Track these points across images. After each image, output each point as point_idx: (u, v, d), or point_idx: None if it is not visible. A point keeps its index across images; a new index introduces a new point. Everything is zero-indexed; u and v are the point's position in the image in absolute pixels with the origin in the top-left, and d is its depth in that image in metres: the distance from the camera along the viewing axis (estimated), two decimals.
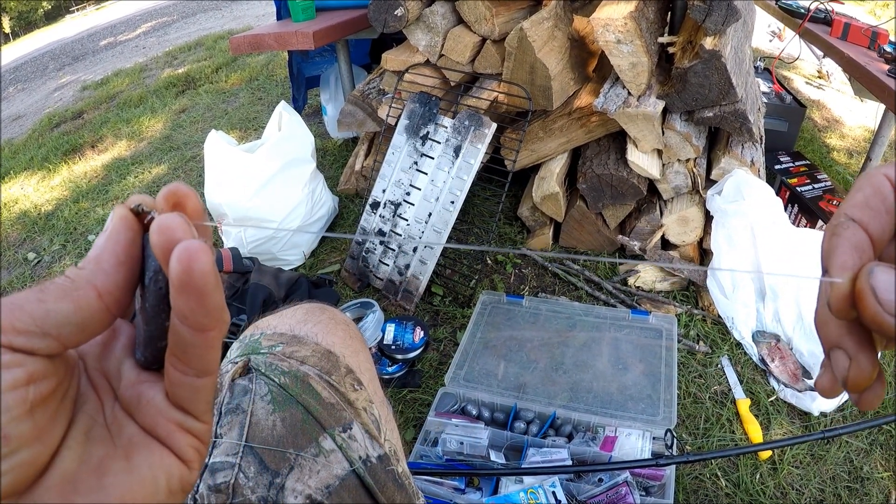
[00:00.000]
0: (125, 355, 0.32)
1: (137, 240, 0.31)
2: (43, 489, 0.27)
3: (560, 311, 1.92)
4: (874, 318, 0.27)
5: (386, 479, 0.66)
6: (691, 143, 1.93)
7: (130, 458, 0.29)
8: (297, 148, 2.29)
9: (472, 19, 2.08)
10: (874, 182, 0.32)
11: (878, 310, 0.27)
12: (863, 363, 0.30)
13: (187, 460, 0.31)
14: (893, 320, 0.27)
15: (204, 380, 0.30)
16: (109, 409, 0.31)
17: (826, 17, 2.40)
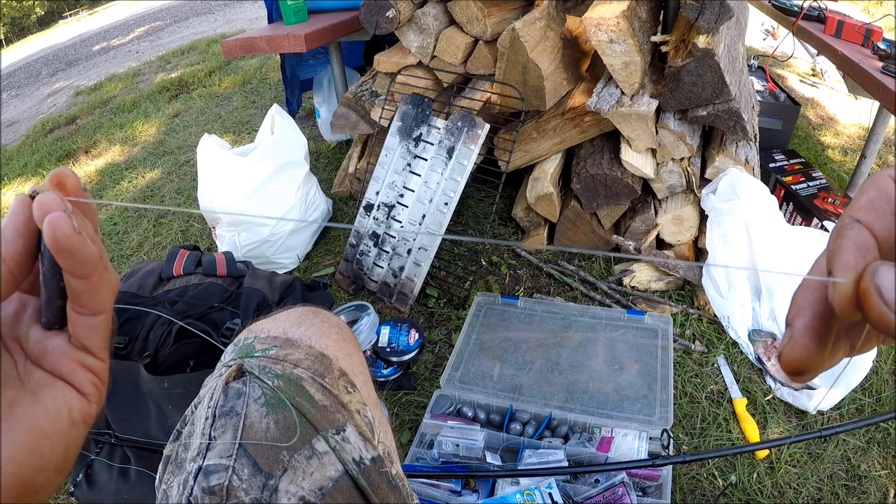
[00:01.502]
0: (32, 322, 0.38)
1: (30, 216, 0.37)
2: None
3: (555, 312, 1.92)
4: (879, 317, 0.27)
5: (380, 480, 0.65)
6: (685, 142, 1.93)
7: (37, 394, 0.36)
8: (291, 151, 2.28)
9: (464, 20, 2.08)
10: (879, 184, 0.32)
11: (882, 309, 0.27)
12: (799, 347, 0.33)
13: (87, 394, 0.38)
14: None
15: (99, 318, 0.38)
16: (21, 366, 0.37)
17: (820, 15, 2.40)
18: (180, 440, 0.64)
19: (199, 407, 0.65)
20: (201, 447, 0.60)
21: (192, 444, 0.61)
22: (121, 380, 1.45)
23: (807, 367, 0.34)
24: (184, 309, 1.56)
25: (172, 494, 0.59)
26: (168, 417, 1.42)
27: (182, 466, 0.60)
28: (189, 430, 0.64)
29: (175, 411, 1.40)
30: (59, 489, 1.71)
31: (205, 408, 0.63)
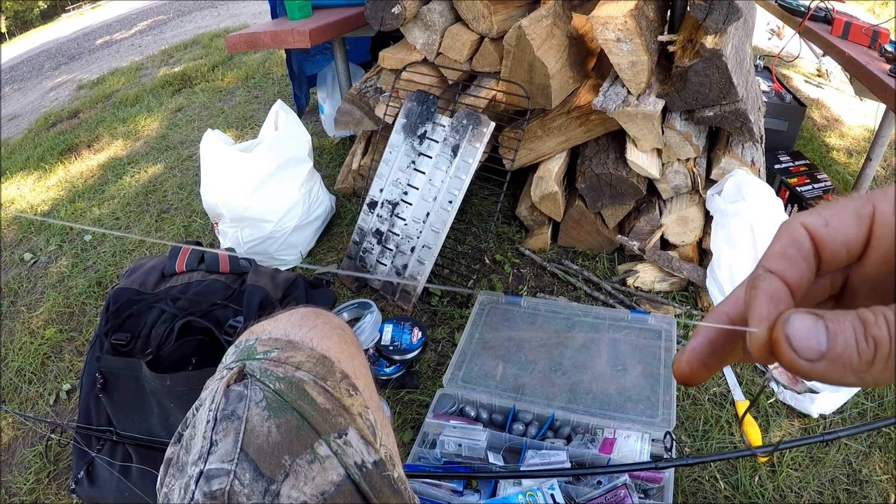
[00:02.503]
0: None
1: None
2: None
3: (559, 312, 1.91)
4: (790, 364, 0.29)
5: (382, 484, 0.65)
6: (691, 142, 1.92)
7: None
8: (294, 147, 2.27)
9: (470, 17, 2.07)
10: (791, 231, 0.34)
11: (792, 356, 0.28)
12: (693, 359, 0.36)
13: None
14: (807, 365, 0.28)
15: None
16: None
17: (826, 16, 2.39)
18: (182, 443, 0.64)
19: (201, 410, 0.64)
20: (203, 451, 0.59)
21: (194, 447, 0.61)
22: (123, 377, 1.45)
23: (688, 382, 0.37)
24: (186, 306, 1.55)
25: (174, 498, 0.59)
26: (170, 415, 1.41)
27: (183, 470, 0.60)
28: (190, 432, 0.63)
29: (177, 409, 1.40)
30: (61, 486, 1.71)
31: (206, 411, 0.62)
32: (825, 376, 0.28)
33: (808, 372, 0.28)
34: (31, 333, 2.29)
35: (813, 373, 0.28)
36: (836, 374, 0.28)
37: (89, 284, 2.47)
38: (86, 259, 2.66)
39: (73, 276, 2.56)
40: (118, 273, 2.50)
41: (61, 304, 2.40)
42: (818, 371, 0.28)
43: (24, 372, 2.11)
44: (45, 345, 2.21)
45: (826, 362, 0.28)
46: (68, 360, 2.13)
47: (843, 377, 0.28)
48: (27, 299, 2.51)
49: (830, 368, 0.28)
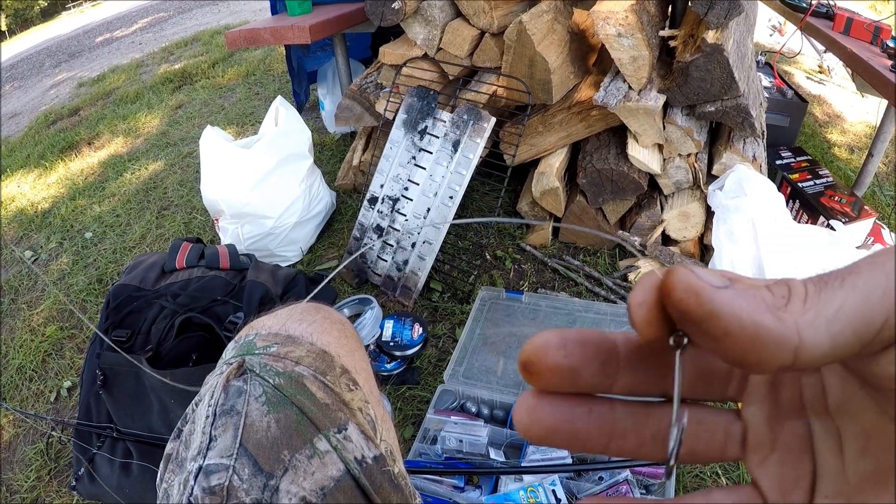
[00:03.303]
0: None
1: None
2: None
3: (560, 308, 1.91)
4: (691, 292, 0.25)
5: (382, 480, 0.65)
6: (692, 137, 1.92)
7: None
8: (294, 143, 2.27)
9: (471, 12, 2.06)
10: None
11: (692, 281, 0.24)
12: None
13: None
14: (709, 292, 0.24)
15: None
16: None
17: (828, 12, 2.38)
18: (181, 438, 0.63)
19: (200, 405, 0.64)
20: (202, 446, 0.59)
21: (193, 442, 0.60)
22: (123, 374, 1.45)
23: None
24: (186, 302, 1.55)
25: (173, 494, 0.59)
26: (170, 411, 1.41)
27: (182, 465, 0.60)
28: (190, 428, 0.63)
29: (177, 405, 1.40)
30: (62, 483, 1.71)
31: (205, 406, 0.62)
32: (733, 312, 0.23)
33: (710, 302, 0.23)
34: (31, 331, 2.28)
35: (717, 304, 0.23)
36: (748, 307, 0.23)
37: (89, 282, 2.47)
38: (86, 256, 2.66)
39: (73, 274, 2.56)
40: (118, 270, 2.49)
41: (62, 301, 2.40)
42: (725, 301, 0.23)
43: (25, 369, 2.11)
44: (45, 342, 2.20)
45: (734, 290, 0.24)
46: (69, 358, 2.13)
47: (757, 313, 0.23)
48: (27, 297, 2.50)
49: (740, 298, 0.24)
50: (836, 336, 0.23)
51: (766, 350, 0.23)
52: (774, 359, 0.23)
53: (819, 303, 0.23)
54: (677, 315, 0.25)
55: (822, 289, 0.24)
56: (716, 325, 0.23)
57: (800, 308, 0.23)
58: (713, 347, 0.24)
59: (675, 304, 0.24)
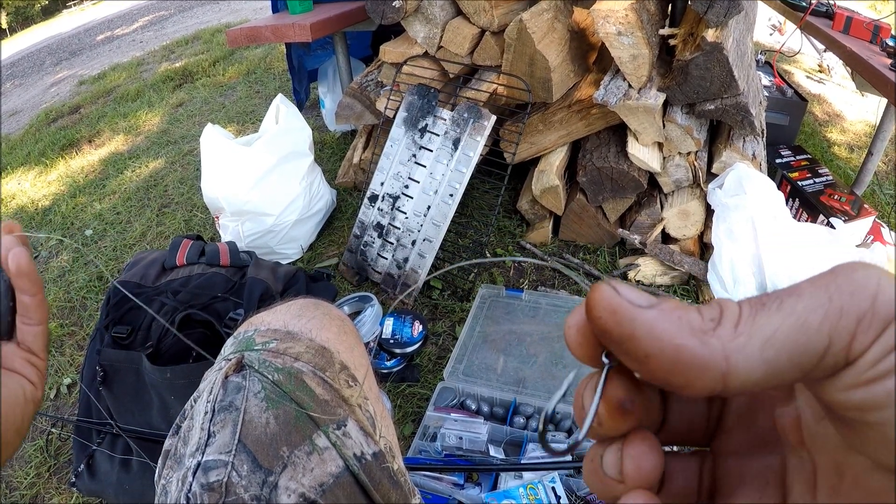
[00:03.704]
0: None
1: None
2: None
3: (560, 305, 1.91)
4: (613, 310, 0.24)
5: (381, 476, 0.65)
6: (692, 136, 1.92)
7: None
8: (295, 141, 2.27)
9: (471, 11, 2.06)
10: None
11: (614, 300, 0.24)
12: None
13: (34, 382, 0.50)
14: (630, 311, 0.24)
15: (41, 327, 0.51)
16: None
17: (828, 11, 2.37)
18: (179, 434, 0.63)
19: (199, 401, 0.64)
20: (200, 442, 0.59)
21: (191, 438, 0.60)
22: (123, 370, 1.45)
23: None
24: (187, 299, 1.55)
25: (171, 490, 0.59)
26: (170, 408, 1.41)
27: (181, 462, 0.60)
28: (188, 424, 0.63)
29: (177, 402, 1.40)
30: (61, 480, 1.71)
31: (204, 402, 0.62)
32: (654, 334, 0.22)
33: (631, 322, 0.23)
34: None
35: (639, 324, 0.23)
36: (670, 329, 0.22)
37: (90, 279, 2.47)
38: (87, 253, 2.66)
39: (73, 271, 2.56)
40: (119, 268, 2.49)
41: (62, 298, 2.40)
42: (646, 322, 0.23)
43: None
44: None
45: (657, 311, 0.23)
46: (69, 355, 2.13)
47: (679, 337, 0.22)
48: None
49: (663, 320, 0.23)
50: (770, 362, 0.22)
51: (690, 374, 0.22)
52: (700, 383, 0.22)
53: (753, 326, 0.22)
54: (598, 334, 0.25)
55: (758, 311, 0.23)
56: (636, 347, 0.23)
57: (730, 332, 0.22)
58: (637, 369, 0.24)
59: (594, 322, 0.24)
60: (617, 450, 0.26)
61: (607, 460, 0.27)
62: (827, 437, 0.24)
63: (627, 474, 0.26)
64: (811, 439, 0.25)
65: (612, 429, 0.26)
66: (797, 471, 0.26)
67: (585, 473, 0.28)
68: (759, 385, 0.22)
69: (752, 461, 0.28)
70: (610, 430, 0.26)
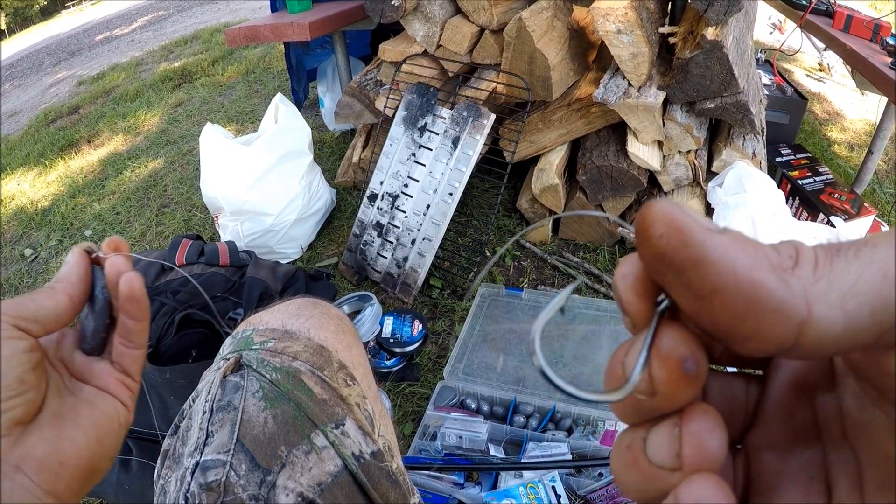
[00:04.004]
0: (73, 348, 0.48)
1: (89, 267, 0.48)
2: (39, 421, 0.42)
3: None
4: (680, 232, 0.20)
5: (380, 475, 0.64)
6: (692, 134, 1.91)
7: (93, 402, 0.46)
8: (294, 140, 2.27)
9: (471, 9, 2.06)
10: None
11: (683, 220, 0.20)
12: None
13: (127, 405, 0.48)
14: (700, 235, 0.20)
15: (140, 350, 0.49)
16: (66, 380, 0.47)
17: (828, 9, 2.37)
18: (178, 434, 0.63)
19: (197, 401, 0.64)
20: (199, 442, 0.59)
21: (190, 438, 0.60)
22: None
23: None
24: (186, 299, 1.55)
25: (170, 490, 0.59)
26: (170, 408, 1.41)
27: (179, 461, 0.60)
28: (187, 424, 0.63)
29: (177, 402, 1.39)
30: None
31: (202, 402, 0.62)
32: (728, 263, 0.19)
33: (701, 244, 0.19)
34: None
35: (710, 248, 0.19)
36: (746, 260, 0.19)
37: None
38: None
39: None
40: None
41: None
42: (719, 246, 0.19)
43: None
44: None
45: (730, 238, 0.19)
46: None
47: (757, 269, 0.19)
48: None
49: (737, 248, 0.19)
50: (851, 315, 0.18)
51: (763, 319, 0.18)
52: (771, 332, 0.19)
53: (832, 272, 0.19)
54: (654, 259, 0.20)
55: (833, 257, 0.19)
56: (703, 277, 0.19)
57: (810, 274, 0.19)
58: (696, 310, 0.20)
59: (651, 243, 0.20)
60: (672, 427, 0.22)
61: (657, 443, 0.22)
62: (875, 427, 0.21)
63: (688, 459, 0.21)
64: (855, 431, 0.22)
65: (668, 399, 0.21)
66: (840, 466, 0.22)
67: (619, 467, 0.23)
68: (835, 345, 0.19)
69: (793, 456, 0.24)
70: (665, 400, 0.21)
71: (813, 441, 0.24)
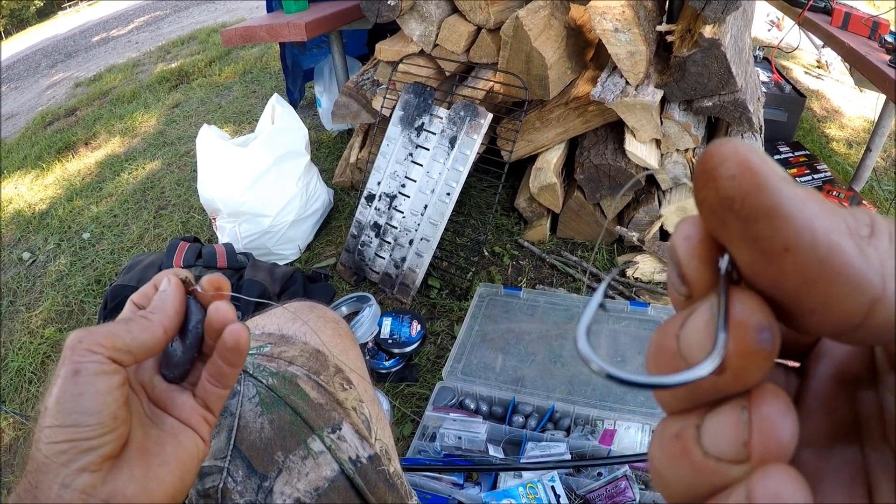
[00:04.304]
0: (153, 373, 0.48)
1: (185, 300, 0.48)
2: (127, 456, 0.42)
3: (558, 303, 1.90)
4: (755, 180, 0.18)
5: (377, 479, 0.64)
6: (690, 132, 1.91)
7: (176, 436, 0.46)
8: (291, 141, 2.26)
9: (467, 8, 2.05)
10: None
11: (760, 167, 0.18)
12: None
13: (206, 440, 0.48)
14: (776, 183, 0.17)
15: (227, 391, 0.49)
16: (146, 406, 0.47)
17: (826, 7, 2.37)
18: None
19: None
20: None
21: None
22: None
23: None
24: None
25: None
26: None
27: None
28: None
29: None
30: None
31: None
32: (806, 218, 0.17)
33: (777, 193, 0.17)
34: (30, 333, 2.28)
35: (787, 198, 0.17)
36: (825, 218, 0.17)
37: (88, 282, 2.46)
38: (84, 257, 2.65)
39: (71, 275, 2.55)
40: (116, 270, 2.49)
41: (60, 302, 2.39)
42: (797, 199, 0.17)
43: (24, 372, 2.10)
44: (44, 344, 2.20)
45: (807, 192, 0.17)
46: None
47: (836, 231, 0.17)
48: (26, 299, 2.50)
49: (813, 203, 0.17)
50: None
51: (836, 289, 0.16)
52: (844, 305, 0.17)
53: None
54: (721, 204, 0.18)
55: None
56: (776, 230, 0.17)
57: (888, 246, 0.17)
58: (760, 270, 0.18)
59: (721, 184, 0.17)
60: (739, 411, 0.19)
61: (717, 431, 0.19)
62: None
63: (758, 448, 0.18)
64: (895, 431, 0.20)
65: (739, 376, 0.19)
66: (880, 467, 0.20)
67: (663, 460, 0.20)
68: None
69: (833, 454, 0.21)
70: (735, 378, 0.19)
71: (854, 439, 0.21)
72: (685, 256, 0.20)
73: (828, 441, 0.22)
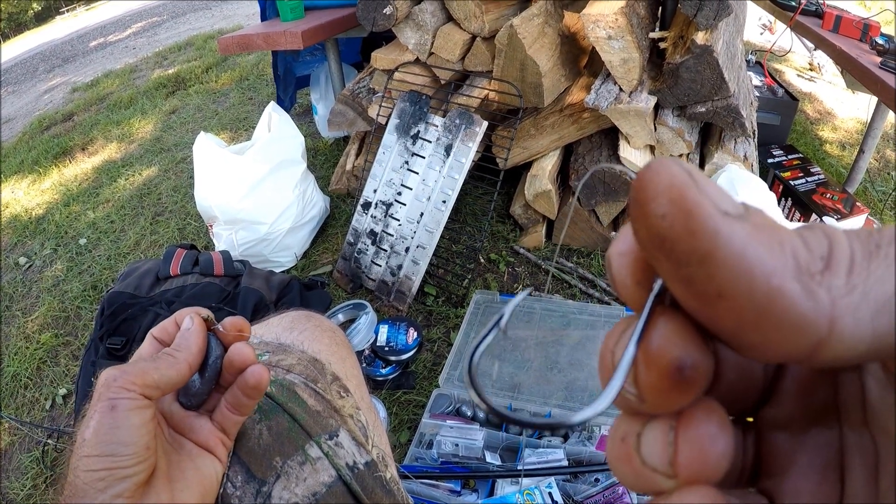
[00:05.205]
0: (172, 400, 0.53)
1: (206, 337, 0.53)
2: (155, 483, 0.46)
3: (554, 310, 1.91)
4: (693, 211, 0.16)
5: (374, 485, 0.65)
6: (683, 138, 1.93)
7: (194, 460, 0.50)
8: (287, 149, 2.27)
9: (462, 17, 2.07)
10: None
11: (696, 197, 0.16)
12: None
13: (223, 462, 0.53)
14: (717, 219, 0.16)
15: (244, 417, 0.54)
16: (166, 431, 0.51)
17: (817, 10, 2.39)
18: None
19: None
20: None
21: None
22: None
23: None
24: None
25: None
26: None
27: None
28: None
29: None
30: (58, 492, 1.70)
31: None
32: (744, 262, 0.15)
33: (713, 234, 0.15)
34: (26, 338, 2.28)
35: (723, 240, 0.16)
36: (768, 260, 0.16)
37: (84, 288, 2.47)
38: (81, 263, 2.66)
39: (68, 280, 2.56)
40: (113, 277, 2.49)
41: (56, 308, 2.40)
42: (735, 239, 0.16)
43: (20, 377, 2.11)
44: (40, 349, 2.20)
45: (752, 227, 0.16)
46: (64, 365, 2.13)
47: (778, 275, 0.15)
48: (22, 304, 2.50)
49: (759, 242, 0.16)
50: (879, 333, 0.16)
51: (776, 334, 0.16)
52: (785, 348, 0.16)
53: (869, 279, 0.16)
54: (650, 242, 0.17)
55: (872, 256, 0.17)
56: (709, 277, 0.16)
57: (842, 283, 0.16)
58: (695, 309, 0.17)
59: (651, 222, 0.16)
60: (666, 429, 0.19)
61: (650, 444, 0.19)
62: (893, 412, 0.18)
63: (683, 466, 0.18)
64: (874, 417, 0.19)
65: (658, 405, 0.19)
66: (856, 451, 0.20)
67: (612, 457, 0.21)
68: (855, 359, 0.16)
69: (809, 438, 0.21)
70: (654, 408, 0.19)
71: (832, 424, 0.21)
72: (619, 274, 0.19)
73: (805, 423, 0.21)
